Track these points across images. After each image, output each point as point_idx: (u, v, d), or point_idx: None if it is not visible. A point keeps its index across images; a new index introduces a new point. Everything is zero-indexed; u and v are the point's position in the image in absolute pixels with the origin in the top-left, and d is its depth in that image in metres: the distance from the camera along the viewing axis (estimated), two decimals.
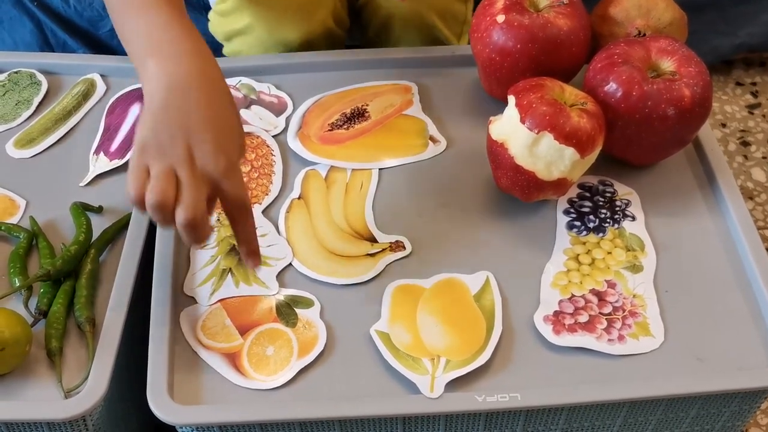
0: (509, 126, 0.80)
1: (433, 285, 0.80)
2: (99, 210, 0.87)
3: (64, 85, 1.01)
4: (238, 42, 1.08)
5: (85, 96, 0.99)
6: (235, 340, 0.76)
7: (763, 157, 1.40)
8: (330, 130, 0.94)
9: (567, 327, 0.76)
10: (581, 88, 0.85)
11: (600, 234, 0.84)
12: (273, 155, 0.92)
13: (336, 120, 0.95)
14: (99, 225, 0.85)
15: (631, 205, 0.87)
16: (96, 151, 0.93)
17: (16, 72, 1.02)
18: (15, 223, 0.86)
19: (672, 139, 0.86)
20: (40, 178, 0.91)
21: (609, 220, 0.85)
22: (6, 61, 1.04)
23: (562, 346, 0.75)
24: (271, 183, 0.89)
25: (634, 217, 0.86)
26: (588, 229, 0.84)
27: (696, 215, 0.87)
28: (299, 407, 0.71)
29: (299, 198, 0.88)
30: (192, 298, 0.80)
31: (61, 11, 1.29)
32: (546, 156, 0.79)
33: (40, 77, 1.01)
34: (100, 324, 0.77)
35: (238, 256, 0.82)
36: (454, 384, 0.72)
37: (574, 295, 0.79)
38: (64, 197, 0.88)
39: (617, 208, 0.86)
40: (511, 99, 0.81)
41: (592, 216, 0.86)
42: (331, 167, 0.90)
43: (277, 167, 0.91)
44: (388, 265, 0.82)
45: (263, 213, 0.86)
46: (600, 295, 0.79)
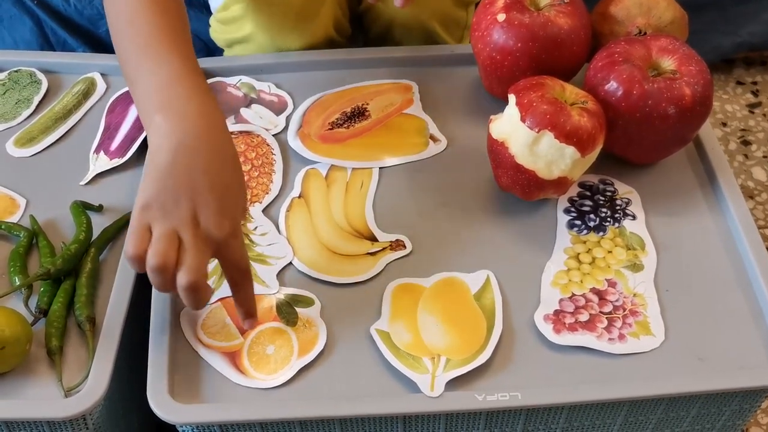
0: (510, 125, 0.80)
1: (434, 284, 0.80)
2: (99, 209, 0.87)
3: (64, 84, 1.01)
4: (239, 49, 1.08)
5: (86, 95, 0.99)
6: (236, 339, 0.76)
7: (764, 156, 1.40)
8: (330, 128, 0.94)
9: (567, 326, 0.76)
10: (582, 86, 0.85)
11: (600, 233, 0.84)
12: (273, 154, 0.92)
13: (336, 119, 0.95)
14: (99, 224, 0.85)
15: (632, 204, 0.87)
16: (96, 150, 0.93)
17: (16, 71, 1.02)
18: (15, 222, 0.86)
19: (673, 138, 0.86)
20: (40, 176, 0.91)
21: (609, 219, 0.85)
22: (6, 60, 1.04)
23: (562, 345, 0.75)
24: (272, 182, 0.89)
25: (634, 216, 0.86)
26: (588, 228, 0.84)
27: (696, 214, 0.87)
28: (299, 406, 0.71)
29: (299, 197, 0.88)
30: None
31: (61, 10, 1.28)
32: (546, 155, 0.79)
33: (40, 76, 1.01)
34: (100, 323, 0.77)
35: None
36: (454, 383, 0.72)
37: (574, 294, 0.79)
38: (64, 196, 0.88)
39: (618, 207, 0.86)
40: (512, 98, 0.81)
41: (592, 215, 0.86)
42: (332, 166, 0.90)
43: (278, 166, 0.91)
44: (388, 264, 0.82)
45: (263, 212, 0.86)
46: (600, 294, 0.79)
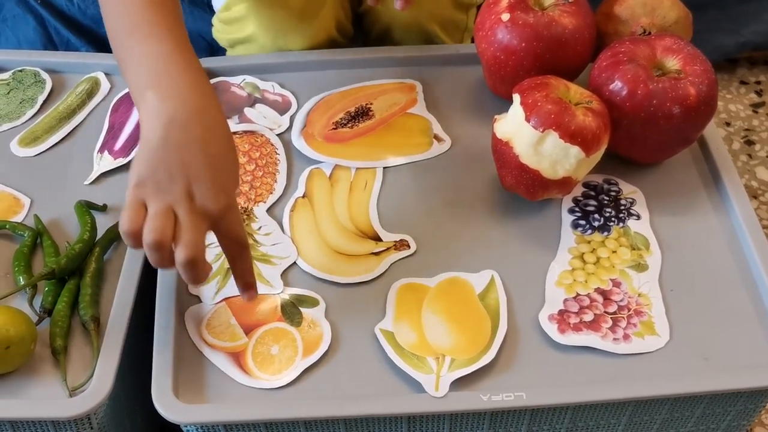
0: (514, 124, 0.80)
1: (438, 284, 0.80)
2: (103, 208, 0.87)
3: (68, 84, 1.01)
4: (241, 49, 1.08)
5: (89, 94, 0.99)
6: (240, 339, 0.76)
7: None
8: (334, 128, 0.94)
9: (572, 326, 0.76)
10: (586, 86, 0.85)
11: (605, 233, 0.84)
12: (277, 154, 0.92)
13: (340, 118, 0.95)
14: (103, 223, 0.85)
15: (636, 204, 0.86)
16: (100, 150, 0.93)
17: (20, 70, 1.02)
18: (19, 222, 0.86)
19: (677, 138, 0.86)
20: (44, 176, 0.91)
21: (614, 218, 0.85)
22: (10, 60, 1.04)
23: (567, 345, 0.75)
24: (276, 182, 0.89)
25: (639, 216, 0.85)
26: (593, 228, 0.84)
27: (701, 214, 0.86)
28: (304, 406, 0.71)
29: (303, 197, 0.88)
30: (196, 296, 0.79)
31: (65, 9, 1.28)
32: (551, 154, 0.79)
33: (44, 76, 1.01)
34: (104, 322, 0.77)
35: None
36: (459, 383, 0.72)
37: (579, 294, 0.79)
38: (68, 196, 0.88)
39: (622, 206, 0.86)
40: (516, 97, 0.81)
41: (597, 215, 0.85)
42: (336, 166, 0.90)
43: (282, 166, 0.91)
44: (392, 264, 0.82)
45: (267, 212, 0.86)
46: (605, 294, 0.79)
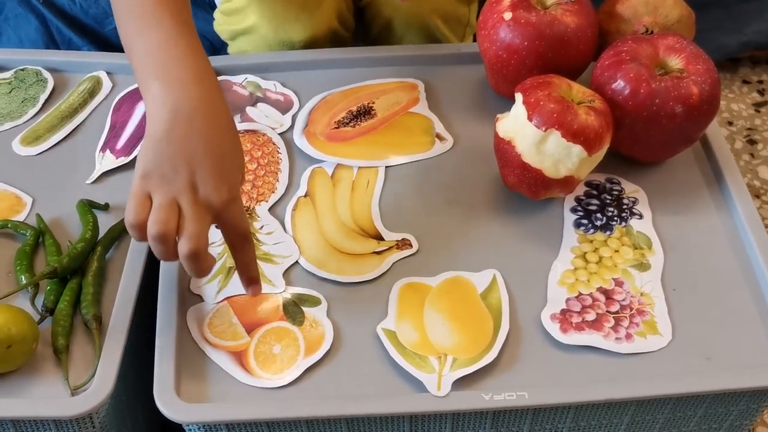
0: (516, 123, 0.80)
1: (440, 283, 0.80)
2: (105, 207, 0.87)
3: (70, 83, 1.01)
4: (242, 41, 1.08)
5: (91, 93, 0.99)
6: (242, 338, 0.76)
7: None
8: (336, 127, 0.94)
9: (574, 325, 0.76)
10: (589, 85, 0.85)
11: (607, 232, 0.84)
12: (279, 153, 0.92)
13: (342, 118, 0.95)
14: (105, 222, 0.85)
15: (639, 203, 0.86)
16: (102, 149, 0.93)
17: (22, 69, 1.02)
18: (21, 221, 0.86)
19: (679, 137, 0.86)
20: (46, 175, 0.91)
21: (616, 218, 0.85)
22: (12, 59, 1.04)
23: (569, 344, 0.75)
24: (278, 181, 0.89)
25: (641, 215, 0.85)
26: (595, 227, 0.84)
27: (703, 213, 0.86)
28: (306, 406, 0.71)
29: (305, 196, 0.88)
30: (198, 296, 0.79)
31: (67, 9, 1.29)
32: (553, 154, 0.79)
33: (46, 75, 1.01)
34: (106, 322, 0.77)
35: None
36: (461, 382, 0.72)
37: (581, 294, 0.79)
38: (70, 195, 0.88)
39: (624, 206, 0.86)
40: (518, 96, 0.81)
41: (599, 214, 0.85)
42: (338, 165, 0.90)
43: (284, 165, 0.91)
44: (394, 263, 0.82)
45: (269, 211, 0.86)
46: (607, 294, 0.79)
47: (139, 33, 0.74)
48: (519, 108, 0.80)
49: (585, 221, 0.85)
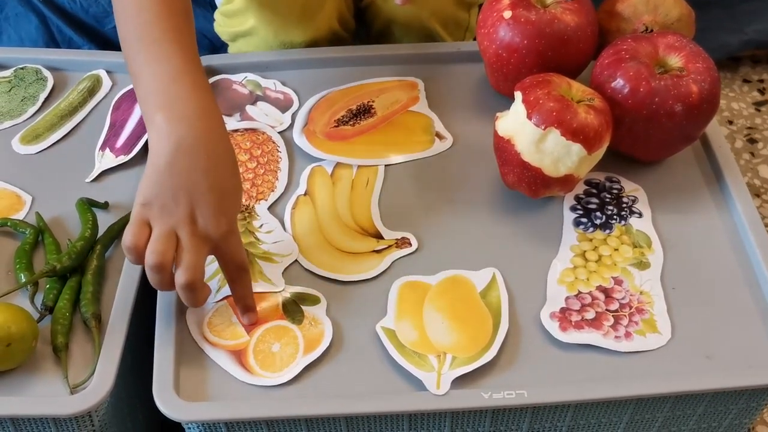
0: (516, 122, 0.80)
1: (440, 282, 0.80)
2: (105, 206, 0.87)
3: (69, 81, 1.01)
4: (242, 43, 1.08)
5: (91, 92, 0.99)
6: (241, 337, 0.76)
7: None
8: (336, 126, 0.94)
9: (574, 324, 0.76)
10: (588, 84, 0.85)
11: (607, 230, 0.84)
12: (279, 151, 0.92)
13: (342, 116, 0.95)
14: (105, 221, 0.85)
15: (638, 202, 0.86)
16: (102, 147, 0.93)
17: (22, 68, 1.02)
18: (21, 219, 0.86)
19: (679, 136, 0.86)
20: (46, 174, 0.91)
21: (616, 216, 0.85)
22: (12, 57, 1.03)
23: (568, 342, 0.75)
24: (277, 179, 0.89)
25: (641, 214, 0.85)
26: (595, 226, 0.84)
27: (703, 212, 0.86)
28: (305, 404, 0.71)
29: (305, 194, 0.88)
30: None
31: (67, 7, 1.28)
32: (553, 152, 0.79)
33: (46, 73, 1.01)
34: (106, 320, 0.77)
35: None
36: (460, 381, 0.72)
37: (580, 292, 0.79)
38: (70, 193, 0.88)
39: (624, 204, 0.86)
40: (518, 95, 0.81)
41: (598, 212, 0.85)
42: (337, 164, 0.90)
43: (283, 163, 0.91)
44: (394, 262, 0.82)
45: (269, 209, 0.86)
46: (607, 292, 0.79)
47: (146, 63, 0.75)
48: (518, 106, 0.80)
49: (584, 220, 0.85)
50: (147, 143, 0.90)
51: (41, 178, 0.90)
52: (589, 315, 0.77)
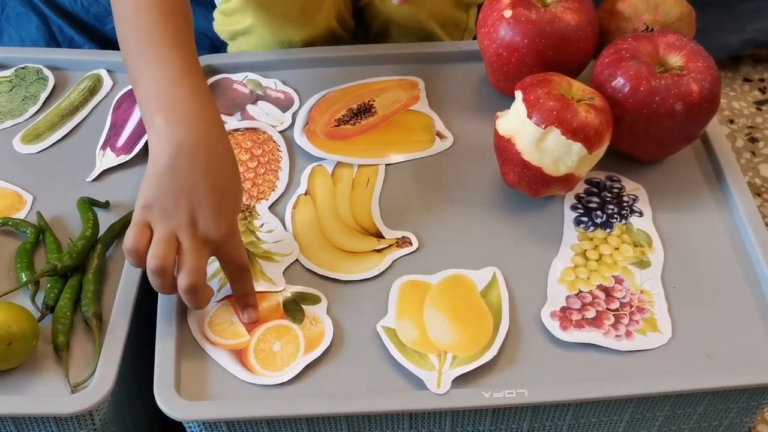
0: (516, 121, 0.80)
1: (440, 281, 0.80)
2: (106, 205, 0.87)
3: (70, 81, 1.01)
4: (241, 41, 1.08)
5: (92, 91, 0.99)
6: (242, 336, 0.76)
7: None
8: (336, 125, 0.94)
9: (574, 323, 0.76)
10: (588, 83, 0.85)
11: (607, 229, 0.84)
12: (279, 151, 0.92)
13: (342, 116, 0.95)
14: (106, 220, 0.85)
15: (639, 201, 0.86)
16: (103, 147, 0.93)
17: (23, 67, 1.02)
18: (22, 219, 0.86)
19: (680, 135, 0.86)
20: (46, 173, 0.91)
21: (616, 215, 0.85)
22: (13, 57, 1.04)
23: (569, 342, 0.75)
24: (278, 179, 0.89)
25: (641, 213, 0.85)
26: (595, 225, 0.84)
27: (704, 211, 0.86)
28: (306, 403, 0.71)
29: (306, 194, 0.88)
30: None
31: (68, 7, 1.29)
32: (553, 151, 0.79)
33: (46, 73, 1.01)
34: (106, 319, 0.77)
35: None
36: (460, 380, 0.72)
37: (581, 291, 0.79)
38: (70, 192, 0.88)
39: (625, 203, 0.86)
40: (518, 94, 0.81)
41: (599, 211, 0.85)
42: (338, 163, 0.90)
43: (284, 163, 0.91)
44: (394, 261, 0.82)
45: (270, 209, 0.86)
46: (607, 291, 0.79)
47: (146, 66, 0.75)
48: (519, 106, 0.80)
49: (585, 219, 0.85)
50: (147, 143, 0.91)
51: (42, 177, 0.90)
52: (590, 314, 0.77)
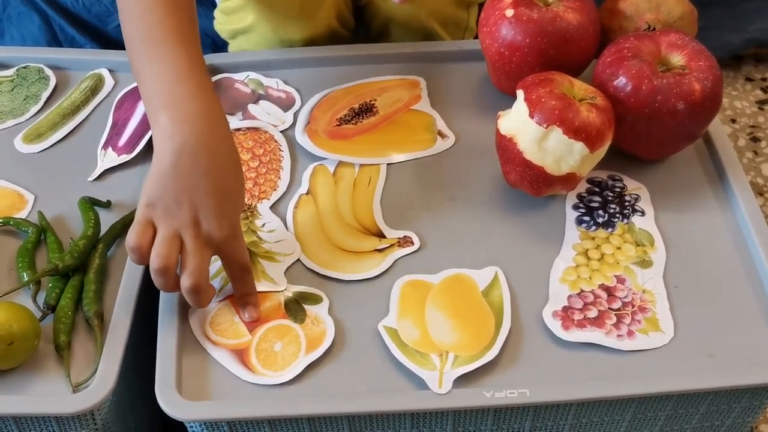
0: (518, 120, 0.80)
1: (442, 280, 0.80)
2: (107, 205, 0.87)
3: (72, 80, 1.01)
4: (242, 40, 1.08)
5: (94, 91, 0.99)
6: (244, 336, 0.76)
7: None
8: (338, 125, 0.94)
9: (576, 322, 0.76)
10: (590, 82, 0.85)
11: (609, 229, 0.84)
12: (281, 150, 0.92)
13: (344, 115, 0.95)
14: (107, 220, 0.85)
15: (641, 200, 0.86)
16: (104, 146, 0.93)
17: (24, 67, 1.02)
18: (23, 218, 0.86)
19: (682, 134, 0.86)
20: (48, 172, 0.91)
21: (618, 215, 0.85)
22: (14, 56, 1.04)
23: (571, 341, 0.75)
24: (279, 178, 0.89)
25: (643, 212, 0.85)
26: (597, 224, 0.84)
27: (706, 211, 0.86)
28: (308, 403, 0.71)
29: (307, 193, 0.88)
30: None
31: (69, 7, 1.29)
32: (555, 150, 0.78)
33: (48, 72, 1.01)
34: (108, 319, 0.77)
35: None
36: (462, 380, 0.72)
37: (583, 291, 0.79)
38: (72, 192, 0.88)
39: (627, 203, 0.86)
40: (520, 93, 0.81)
41: (601, 211, 0.85)
42: (339, 162, 0.90)
43: (285, 162, 0.91)
44: (396, 261, 0.82)
45: (271, 208, 0.86)
46: (609, 291, 0.79)
47: (150, 63, 0.76)
48: (520, 105, 0.80)
49: (587, 218, 0.85)
50: (149, 142, 0.91)
51: (43, 176, 0.90)
52: (592, 314, 0.77)
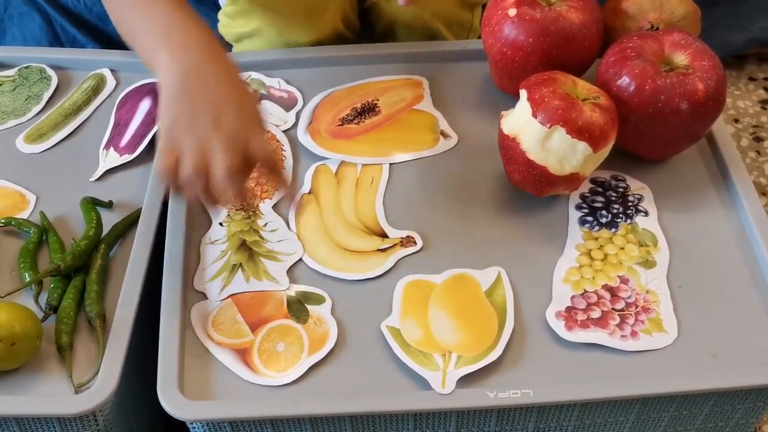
0: (521, 120, 0.80)
1: (445, 280, 0.80)
2: (109, 205, 0.87)
3: (74, 80, 1.01)
4: (247, 44, 1.08)
5: (95, 91, 0.99)
6: (246, 336, 0.76)
7: None
8: (340, 125, 0.93)
9: (579, 323, 0.76)
10: (593, 82, 0.85)
11: (612, 229, 0.83)
12: (283, 150, 0.92)
13: (346, 115, 0.94)
14: (109, 220, 0.85)
15: (644, 200, 0.86)
16: (106, 146, 0.93)
17: (26, 67, 1.02)
18: (25, 218, 0.86)
19: (685, 134, 0.85)
20: (50, 173, 0.91)
21: (621, 215, 0.85)
22: (16, 56, 1.04)
23: (574, 342, 0.75)
24: None
25: (646, 213, 0.85)
26: (600, 225, 0.84)
27: (709, 211, 0.86)
28: (310, 403, 0.71)
29: (309, 193, 0.88)
30: (202, 293, 0.79)
31: (71, 6, 1.28)
32: (558, 150, 0.78)
33: (50, 72, 1.01)
34: (110, 319, 0.77)
35: (248, 251, 0.82)
36: (465, 380, 0.72)
37: (586, 291, 0.78)
38: (74, 192, 0.88)
39: (630, 203, 0.86)
40: (523, 93, 0.81)
41: (604, 211, 0.85)
42: (342, 162, 0.90)
43: (288, 162, 0.90)
44: (399, 261, 0.81)
45: (273, 208, 0.86)
46: (612, 291, 0.78)
47: (140, 17, 0.76)
48: (523, 105, 0.80)
49: (590, 218, 0.85)
50: (152, 142, 0.91)
51: (45, 177, 0.90)
52: (595, 314, 0.76)
